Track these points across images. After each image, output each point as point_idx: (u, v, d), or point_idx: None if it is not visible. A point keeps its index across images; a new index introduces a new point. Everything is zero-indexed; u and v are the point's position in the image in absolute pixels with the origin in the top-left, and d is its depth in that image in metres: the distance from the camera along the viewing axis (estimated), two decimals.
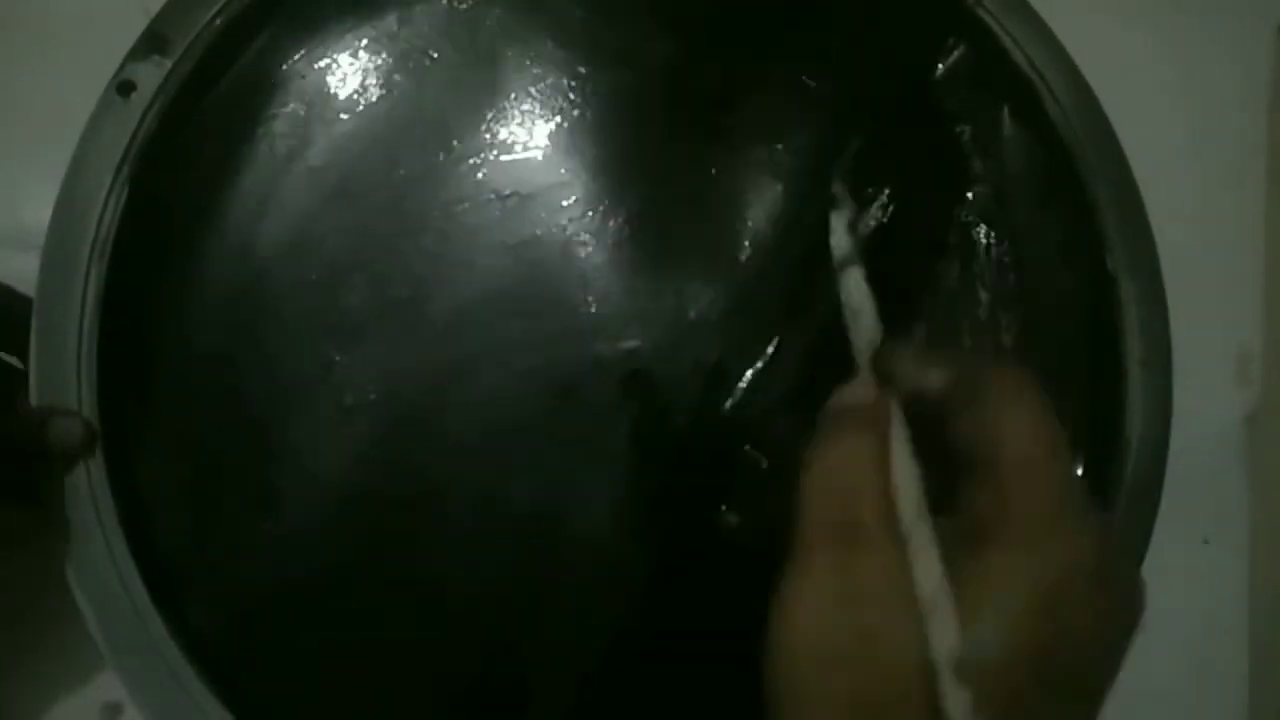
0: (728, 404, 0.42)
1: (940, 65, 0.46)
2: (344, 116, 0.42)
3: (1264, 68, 0.52)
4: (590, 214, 0.42)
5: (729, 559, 0.42)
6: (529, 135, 0.43)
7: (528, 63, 0.43)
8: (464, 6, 0.44)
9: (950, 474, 0.27)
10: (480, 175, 0.42)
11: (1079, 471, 0.44)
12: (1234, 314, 0.51)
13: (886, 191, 0.43)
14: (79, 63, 0.41)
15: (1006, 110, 0.46)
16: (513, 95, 0.43)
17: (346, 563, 0.40)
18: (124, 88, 0.40)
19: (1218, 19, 0.52)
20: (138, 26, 0.40)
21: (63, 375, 0.38)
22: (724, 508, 0.42)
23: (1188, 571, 0.49)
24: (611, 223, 0.42)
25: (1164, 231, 0.45)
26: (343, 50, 0.42)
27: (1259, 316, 0.51)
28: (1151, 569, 0.44)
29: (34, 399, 0.38)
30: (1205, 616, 0.50)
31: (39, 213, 0.39)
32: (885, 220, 0.43)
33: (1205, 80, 0.52)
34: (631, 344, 0.42)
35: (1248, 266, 0.51)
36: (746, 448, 0.42)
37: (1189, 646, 0.49)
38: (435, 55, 0.43)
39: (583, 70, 0.44)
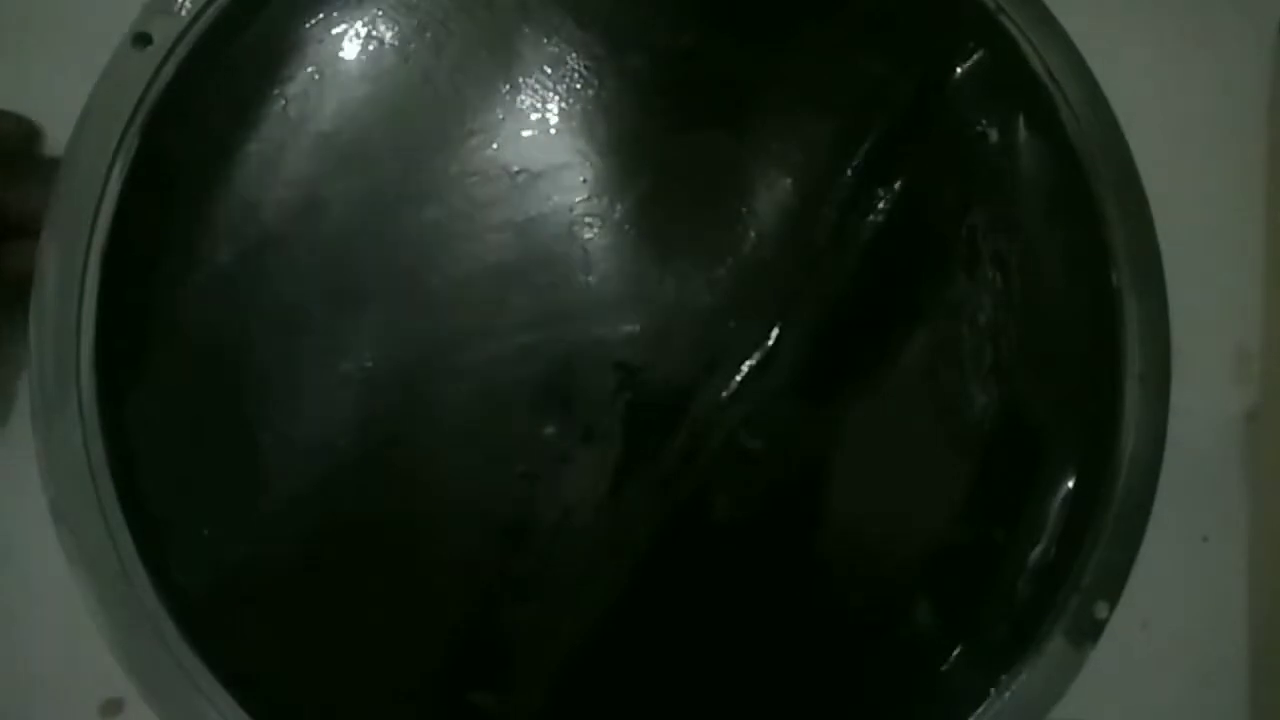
0: (725, 393, 0.42)
1: (958, 68, 0.46)
2: (358, 83, 0.42)
3: (1264, 68, 0.52)
4: (597, 197, 0.42)
5: (721, 547, 0.42)
6: (542, 114, 0.43)
7: (545, 41, 0.43)
8: None
9: None
10: (490, 150, 0.42)
11: (1069, 485, 0.44)
12: (1233, 312, 0.51)
13: (894, 191, 0.43)
14: (75, 62, 0.40)
15: (1022, 118, 0.46)
16: (528, 73, 0.43)
17: (332, 528, 0.40)
18: (140, 39, 0.40)
19: (1218, 18, 0.52)
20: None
21: (63, 323, 0.38)
22: (718, 496, 0.42)
23: (1187, 570, 0.49)
24: (618, 206, 0.42)
25: (1163, 229, 0.45)
26: (361, 16, 0.42)
27: (1258, 315, 0.50)
28: (1151, 568, 0.44)
29: (32, 345, 0.38)
30: (1205, 615, 0.49)
31: None
32: (892, 220, 0.43)
33: (1205, 79, 0.51)
34: (631, 327, 0.42)
35: (1247, 265, 0.51)
36: (742, 437, 0.42)
37: (1189, 646, 0.49)
38: (452, 27, 0.43)
39: (600, 52, 0.43)
